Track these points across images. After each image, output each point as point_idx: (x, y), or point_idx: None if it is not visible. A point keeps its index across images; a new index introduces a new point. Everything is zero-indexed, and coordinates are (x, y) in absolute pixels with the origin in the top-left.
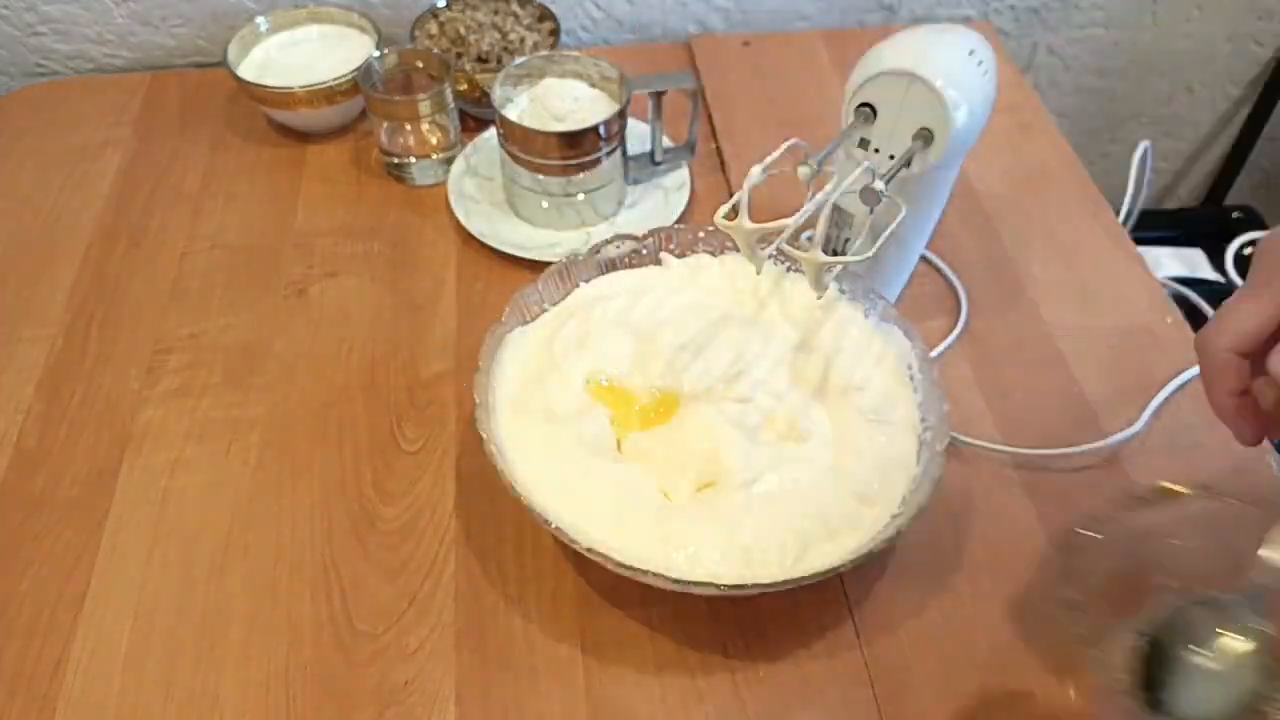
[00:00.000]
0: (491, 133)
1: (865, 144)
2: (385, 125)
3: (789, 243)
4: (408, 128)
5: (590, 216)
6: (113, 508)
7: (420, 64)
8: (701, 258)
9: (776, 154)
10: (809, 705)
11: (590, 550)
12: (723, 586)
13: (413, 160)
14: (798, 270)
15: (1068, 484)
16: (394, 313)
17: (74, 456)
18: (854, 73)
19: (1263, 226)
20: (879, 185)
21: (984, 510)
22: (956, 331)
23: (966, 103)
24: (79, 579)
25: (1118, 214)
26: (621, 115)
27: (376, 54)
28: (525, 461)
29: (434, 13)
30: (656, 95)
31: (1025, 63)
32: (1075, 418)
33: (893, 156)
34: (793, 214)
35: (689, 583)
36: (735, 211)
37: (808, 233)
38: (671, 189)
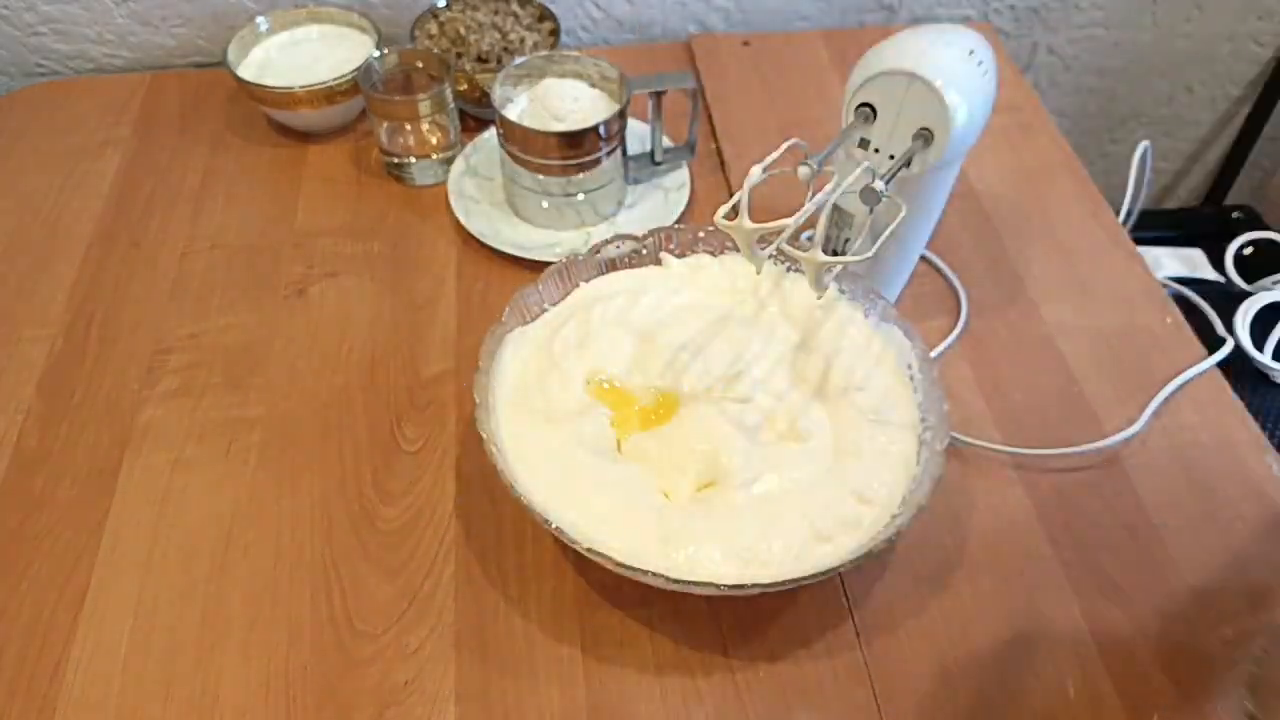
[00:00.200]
0: (491, 133)
1: (865, 144)
2: (385, 125)
3: (789, 243)
4: (408, 128)
5: (590, 216)
6: (113, 508)
7: (420, 64)
8: (701, 258)
9: (776, 154)
10: (809, 705)
11: (590, 550)
12: (723, 586)
13: (413, 160)
14: (798, 270)
15: (1067, 484)
16: (394, 313)
17: (74, 456)
18: (854, 73)
19: (1263, 226)
20: (879, 185)
21: (984, 510)
22: (956, 331)
23: (966, 103)
24: (79, 579)
25: (1117, 214)
26: (621, 115)
27: (376, 54)
28: (525, 461)
29: (434, 13)
30: (656, 95)
31: (1025, 63)
32: (1075, 418)
33: (893, 156)
34: (793, 214)
35: (689, 583)
36: (735, 211)
37: (808, 233)
38: (671, 189)
